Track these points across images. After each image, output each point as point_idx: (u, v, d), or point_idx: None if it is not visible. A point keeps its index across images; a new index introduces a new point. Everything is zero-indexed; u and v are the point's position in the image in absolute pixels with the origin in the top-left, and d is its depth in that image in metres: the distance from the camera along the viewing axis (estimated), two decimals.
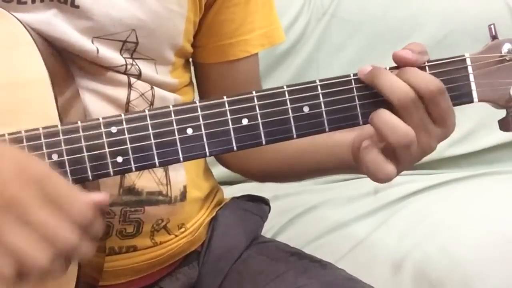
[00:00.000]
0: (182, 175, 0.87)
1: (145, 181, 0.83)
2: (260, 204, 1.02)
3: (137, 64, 0.82)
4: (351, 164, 0.80)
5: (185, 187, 0.87)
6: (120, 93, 0.81)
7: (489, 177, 1.34)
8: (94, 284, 0.80)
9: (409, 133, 0.69)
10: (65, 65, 0.78)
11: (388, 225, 1.22)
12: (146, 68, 0.83)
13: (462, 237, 1.14)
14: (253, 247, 0.94)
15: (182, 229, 0.90)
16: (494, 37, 0.75)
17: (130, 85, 0.82)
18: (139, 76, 0.82)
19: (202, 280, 0.92)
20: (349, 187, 1.34)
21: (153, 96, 0.84)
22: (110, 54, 0.80)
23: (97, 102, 0.80)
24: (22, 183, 0.59)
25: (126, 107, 0.82)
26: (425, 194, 1.29)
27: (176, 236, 0.89)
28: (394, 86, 0.70)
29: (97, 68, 0.80)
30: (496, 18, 1.41)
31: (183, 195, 0.87)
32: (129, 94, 0.82)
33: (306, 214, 1.26)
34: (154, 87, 0.84)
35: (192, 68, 0.95)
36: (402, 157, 0.71)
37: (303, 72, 1.39)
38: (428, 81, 0.70)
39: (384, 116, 0.70)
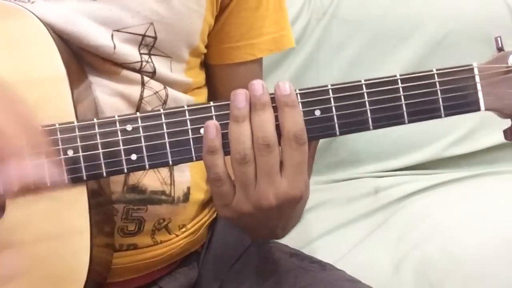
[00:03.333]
0: (187, 176, 0.87)
1: (149, 180, 0.83)
2: None
3: (152, 62, 0.82)
4: None
5: (188, 188, 0.88)
6: (133, 90, 0.82)
7: (489, 177, 1.34)
8: (102, 281, 0.80)
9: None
10: (79, 63, 0.79)
11: (388, 225, 1.22)
12: (161, 66, 0.83)
13: (462, 237, 1.14)
14: (252, 248, 0.94)
15: (183, 229, 0.90)
16: (500, 49, 0.76)
17: (143, 84, 0.83)
18: (153, 74, 0.83)
19: (202, 281, 0.93)
20: (349, 187, 1.34)
21: (166, 95, 0.84)
22: (127, 50, 0.80)
23: (110, 98, 0.80)
24: None
25: (139, 104, 0.82)
26: (425, 194, 1.29)
27: (177, 235, 0.89)
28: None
29: (111, 67, 0.81)
30: (496, 18, 1.42)
31: (186, 196, 0.88)
32: (142, 92, 0.82)
33: (306, 214, 1.26)
34: (167, 87, 0.84)
35: None
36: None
37: (303, 72, 1.39)
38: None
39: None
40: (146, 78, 0.82)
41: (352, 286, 0.86)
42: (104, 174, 0.71)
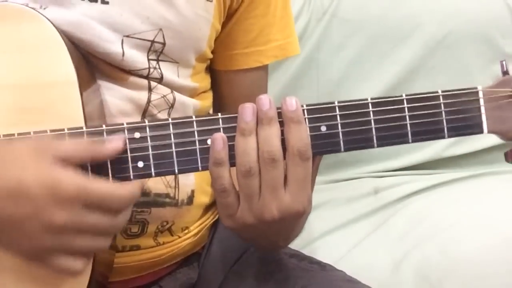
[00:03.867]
0: (191, 180, 0.88)
1: (154, 182, 0.83)
2: None
3: (159, 68, 0.83)
4: None
5: (193, 191, 0.88)
6: (141, 95, 0.82)
7: (489, 177, 1.34)
8: (104, 282, 0.80)
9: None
10: (89, 66, 0.79)
11: (388, 225, 1.22)
12: (168, 72, 0.84)
13: (462, 237, 1.14)
14: (252, 248, 0.94)
15: (186, 231, 0.90)
16: (505, 73, 0.77)
17: (150, 89, 0.83)
18: (160, 80, 0.83)
19: (202, 281, 0.93)
20: (349, 187, 1.34)
21: (174, 99, 0.85)
22: (136, 57, 0.81)
23: (117, 101, 0.81)
24: (62, 208, 0.65)
25: (146, 107, 0.83)
26: (425, 194, 1.29)
27: (179, 237, 0.89)
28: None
29: (119, 73, 0.81)
30: (496, 18, 1.41)
31: (190, 199, 0.88)
32: (149, 97, 0.83)
33: None
34: (174, 92, 0.85)
35: None
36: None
37: (303, 72, 1.39)
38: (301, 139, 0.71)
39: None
40: (153, 84, 0.83)
41: (352, 287, 0.86)
42: (111, 180, 0.71)
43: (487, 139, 1.37)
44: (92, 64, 0.80)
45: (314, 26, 1.40)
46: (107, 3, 0.79)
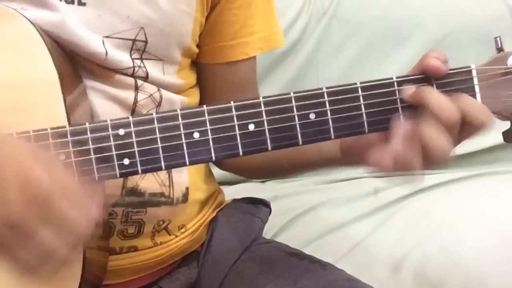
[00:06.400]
0: (185, 177, 0.88)
1: (148, 182, 0.83)
2: (261, 206, 1.02)
3: (144, 66, 0.83)
4: (335, 159, 0.83)
5: (187, 188, 0.88)
6: (127, 95, 0.82)
7: (489, 177, 1.34)
8: (98, 283, 0.80)
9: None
10: (74, 66, 0.79)
11: (388, 225, 1.22)
12: (153, 69, 0.83)
13: (462, 237, 1.14)
14: (252, 248, 0.94)
15: (183, 230, 0.90)
16: (499, 50, 0.75)
17: (137, 88, 0.83)
18: (146, 78, 0.83)
19: (202, 281, 0.92)
20: (349, 187, 1.34)
21: (160, 97, 0.84)
22: (119, 56, 0.80)
23: (104, 103, 0.80)
24: (26, 204, 0.62)
25: (133, 107, 0.82)
26: (425, 194, 1.29)
27: (177, 236, 0.89)
28: (443, 105, 0.70)
29: (105, 71, 0.81)
30: (496, 18, 1.42)
31: (185, 197, 0.88)
32: (136, 96, 0.82)
33: (306, 214, 1.26)
34: (161, 89, 0.84)
35: None
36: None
37: (303, 72, 1.39)
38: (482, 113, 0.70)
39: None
40: (139, 82, 0.82)
41: (352, 285, 0.86)
42: (97, 179, 0.70)
43: (487, 139, 1.38)
44: (77, 64, 0.79)
45: (314, 26, 1.40)
46: (84, 4, 0.78)
